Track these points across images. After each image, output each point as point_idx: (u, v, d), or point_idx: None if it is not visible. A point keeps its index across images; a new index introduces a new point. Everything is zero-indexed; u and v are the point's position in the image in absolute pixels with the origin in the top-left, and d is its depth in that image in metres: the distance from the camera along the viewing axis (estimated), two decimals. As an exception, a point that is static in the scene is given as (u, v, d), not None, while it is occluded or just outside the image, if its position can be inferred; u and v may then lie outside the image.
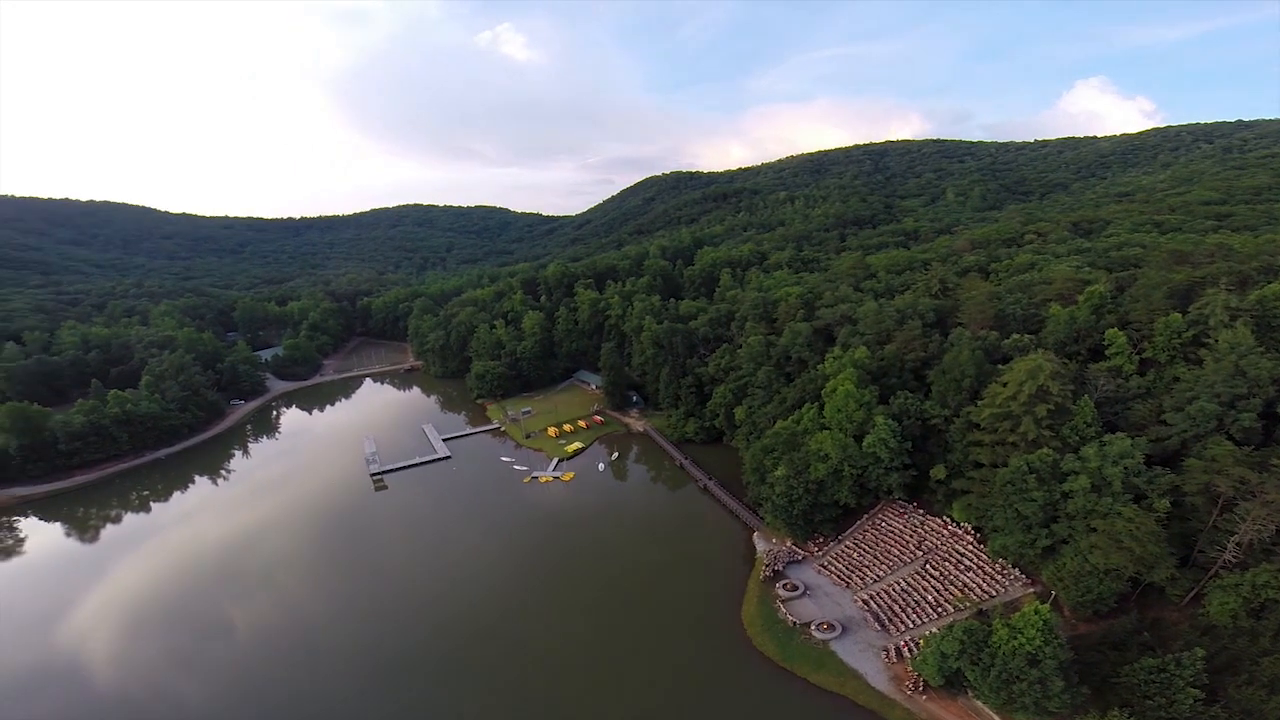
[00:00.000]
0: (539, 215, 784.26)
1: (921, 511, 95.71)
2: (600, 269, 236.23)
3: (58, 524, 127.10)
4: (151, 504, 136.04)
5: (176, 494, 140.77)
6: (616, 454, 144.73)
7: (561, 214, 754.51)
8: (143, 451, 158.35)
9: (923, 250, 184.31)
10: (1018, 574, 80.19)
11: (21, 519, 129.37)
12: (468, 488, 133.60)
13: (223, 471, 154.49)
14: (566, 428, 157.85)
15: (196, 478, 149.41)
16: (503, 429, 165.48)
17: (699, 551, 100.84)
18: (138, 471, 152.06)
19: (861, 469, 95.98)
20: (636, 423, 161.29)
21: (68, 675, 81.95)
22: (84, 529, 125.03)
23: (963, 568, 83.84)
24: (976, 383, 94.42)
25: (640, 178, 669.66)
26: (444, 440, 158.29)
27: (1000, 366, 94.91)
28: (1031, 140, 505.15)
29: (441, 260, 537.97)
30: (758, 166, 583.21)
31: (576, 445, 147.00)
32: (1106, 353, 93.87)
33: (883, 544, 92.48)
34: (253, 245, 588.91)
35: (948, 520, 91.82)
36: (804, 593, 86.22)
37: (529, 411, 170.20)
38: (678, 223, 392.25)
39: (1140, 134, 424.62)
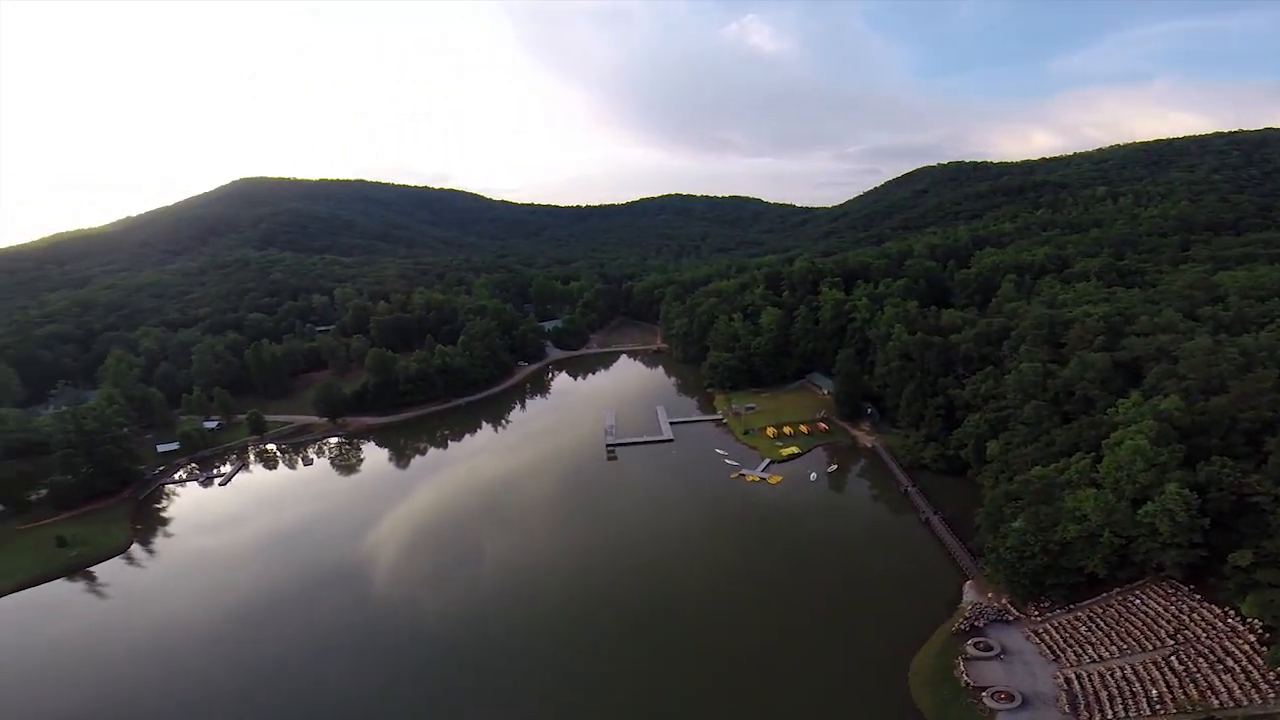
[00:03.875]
0: (791, 206, 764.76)
1: (1197, 597, 75.06)
2: (850, 267, 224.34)
3: (385, 450, 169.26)
4: (449, 442, 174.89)
5: (467, 435, 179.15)
6: (835, 466, 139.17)
7: (816, 205, 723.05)
8: (450, 398, 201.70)
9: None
10: (1293, 688, 59.50)
11: (365, 442, 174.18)
12: (682, 473, 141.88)
13: (503, 421, 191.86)
14: (786, 430, 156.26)
15: (484, 423, 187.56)
16: (725, 421, 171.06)
17: (895, 588, 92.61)
18: (444, 414, 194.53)
19: (1127, 539, 78.21)
20: (866, 437, 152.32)
21: (354, 576, 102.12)
22: (401, 456, 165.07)
23: (1221, 668, 65.12)
24: (1341, 462, 69.51)
25: (910, 168, 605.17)
26: (671, 423, 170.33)
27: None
28: None
29: (696, 248, 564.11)
30: (1067, 156, 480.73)
31: (793, 449, 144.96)
32: None
33: (1126, 623, 75.17)
34: (549, 230, 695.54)
35: (1229, 612, 71.09)
36: (997, 655, 74.72)
37: (752, 408, 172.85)
38: (954, 218, 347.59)
39: None
